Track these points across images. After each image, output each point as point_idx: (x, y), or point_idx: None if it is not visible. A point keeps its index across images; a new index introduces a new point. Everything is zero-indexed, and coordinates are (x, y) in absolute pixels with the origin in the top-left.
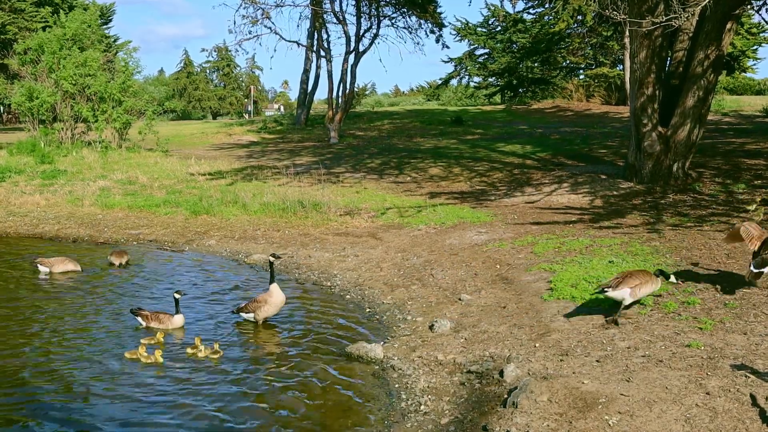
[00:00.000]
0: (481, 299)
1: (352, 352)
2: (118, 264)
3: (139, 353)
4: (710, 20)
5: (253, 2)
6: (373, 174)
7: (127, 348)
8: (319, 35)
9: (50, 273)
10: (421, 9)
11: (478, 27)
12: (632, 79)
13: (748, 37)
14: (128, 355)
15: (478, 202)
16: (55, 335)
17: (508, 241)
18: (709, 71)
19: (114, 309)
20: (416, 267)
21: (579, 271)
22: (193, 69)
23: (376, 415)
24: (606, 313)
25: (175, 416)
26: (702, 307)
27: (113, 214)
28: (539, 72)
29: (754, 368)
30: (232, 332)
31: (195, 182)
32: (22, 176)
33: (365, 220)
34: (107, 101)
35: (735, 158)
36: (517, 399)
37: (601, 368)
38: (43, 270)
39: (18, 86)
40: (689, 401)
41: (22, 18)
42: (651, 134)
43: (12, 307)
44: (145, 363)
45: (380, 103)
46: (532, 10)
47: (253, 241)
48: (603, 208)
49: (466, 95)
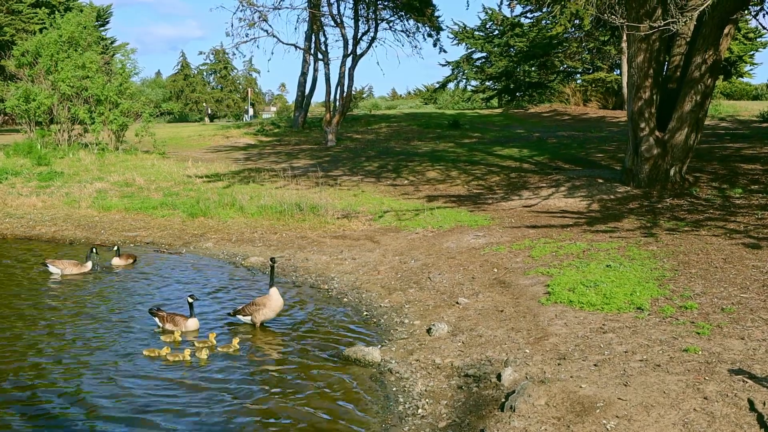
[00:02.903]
0: (478, 303)
1: (350, 355)
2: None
3: (161, 352)
4: (708, 25)
5: (251, 5)
6: (370, 177)
7: (126, 350)
8: (317, 38)
9: (61, 274)
10: (419, 12)
11: (475, 31)
12: (630, 84)
13: (745, 42)
14: (147, 353)
15: (475, 205)
16: (59, 336)
17: (505, 244)
18: (706, 76)
19: (115, 310)
20: (414, 270)
21: (576, 275)
22: (190, 71)
23: (374, 419)
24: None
25: (167, 418)
26: (699, 311)
27: (110, 216)
28: (536, 76)
29: (751, 373)
30: (229, 335)
31: (192, 184)
32: (19, 178)
33: (363, 223)
34: (104, 103)
35: (732, 163)
36: (514, 403)
37: (599, 372)
38: (54, 271)
39: (14, 88)
40: (687, 406)
41: (20, 19)
42: (648, 138)
43: (15, 307)
44: (173, 361)
45: (377, 106)
46: (530, 14)
47: (250, 244)
48: (600, 212)
49: (463, 99)
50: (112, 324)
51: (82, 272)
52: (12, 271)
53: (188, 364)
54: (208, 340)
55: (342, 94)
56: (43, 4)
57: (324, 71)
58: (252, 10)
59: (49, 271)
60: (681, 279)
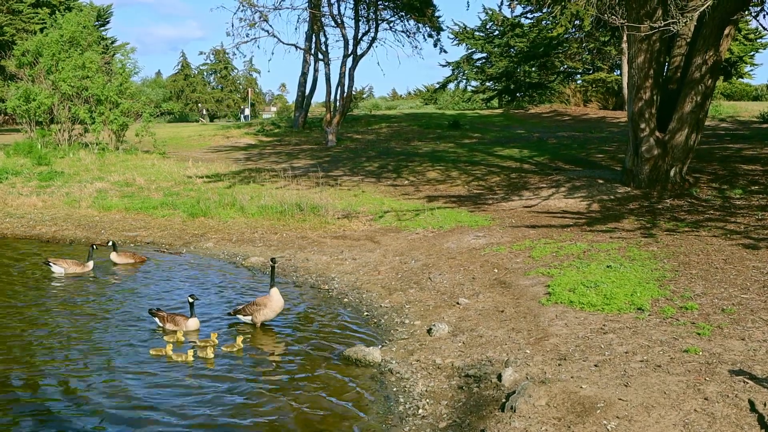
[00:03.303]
0: (479, 303)
1: (350, 355)
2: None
3: (166, 351)
4: (708, 25)
5: (251, 5)
6: (371, 177)
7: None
8: (318, 38)
9: (64, 273)
10: (420, 13)
11: (475, 31)
12: (630, 84)
13: (746, 42)
14: (153, 352)
15: (475, 205)
16: (58, 335)
17: (505, 245)
18: (706, 76)
19: (113, 309)
20: (414, 270)
21: (577, 276)
22: (191, 71)
23: (374, 419)
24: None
25: (167, 418)
26: (700, 312)
27: (110, 216)
28: (537, 76)
29: (752, 374)
30: (229, 335)
31: (192, 184)
32: (19, 178)
33: (363, 224)
34: (105, 103)
35: (732, 164)
36: (515, 403)
37: (600, 373)
38: (57, 270)
39: (14, 88)
40: (687, 406)
41: (20, 19)
42: (648, 139)
43: (15, 306)
44: (176, 361)
45: (378, 107)
46: (530, 14)
47: (250, 244)
48: (600, 213)
49: (463, 99)
50: (113, 324)
51: (85, 272)
52: (10, 270)
53: (190, 364)
54: (210, 340)
55: (342, 94)
56: (44, 4)
57: (324, 71)
58: (252, 11)
59: (52, 270)
60: (681, 280)
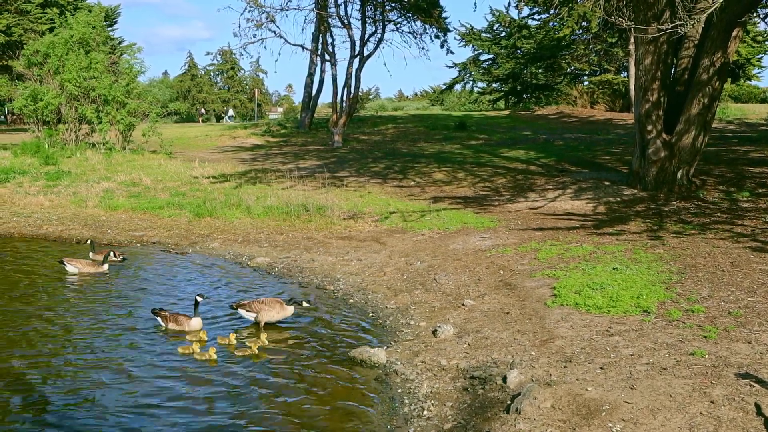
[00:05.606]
0: (484, 305)
1: (355, 356)
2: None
3: (192, 349)
4: (716, 27)
5: (258, 5)
6: (377, 178)
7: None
8: (324, 39)
9: (79, 273)
10: (426, 14)
11: (482, 32)
12: (637, 86)
13: (753, 45)
14: (181, 350)
15: (481, 207)
16: (68, 333)
17: (511, 246)
18: (714, 78)
19: (117, 306)
20: (419, 272)
21: (583, 278)
22: (198, 71)
23: (379, 420)
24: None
25: (169, 419)
26: (706, 315)
27: (117, 216)
28: (543, 78)
29: (758, 377)
30: (226, 333)
31: (199, 185)
32: (27, 177)
33: (369, 224)
34: (111, 103)
35: (739, 166)
36: (520, 405)
37: (605, 375)
38: (71, 270)
39: (21, 88)
40: (693, 409)
41: (28, 20)
42: (655, 141)
43: (25, 304)
44: (200, 359)
45: (384, 108)
46: (537, 16)
47: (256, 244)
48: (606, 215)
49: (470, 100)
50: (118, 324)
51: (99, 272)
52: (20, 269)
53: (213, 363)
54: (228, 339)
55: (349, 95)
56: (53, 5)
57: (331, 72)
58: (259, 11)
59: (66, 270)
60: (688, 282)
